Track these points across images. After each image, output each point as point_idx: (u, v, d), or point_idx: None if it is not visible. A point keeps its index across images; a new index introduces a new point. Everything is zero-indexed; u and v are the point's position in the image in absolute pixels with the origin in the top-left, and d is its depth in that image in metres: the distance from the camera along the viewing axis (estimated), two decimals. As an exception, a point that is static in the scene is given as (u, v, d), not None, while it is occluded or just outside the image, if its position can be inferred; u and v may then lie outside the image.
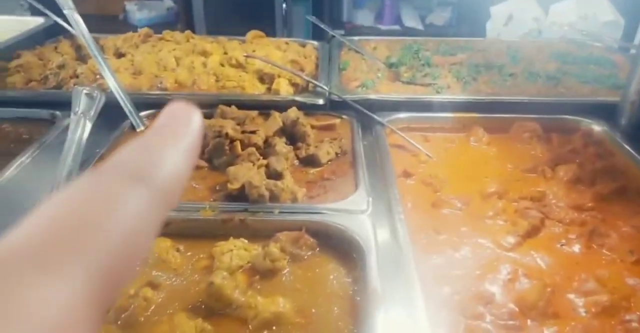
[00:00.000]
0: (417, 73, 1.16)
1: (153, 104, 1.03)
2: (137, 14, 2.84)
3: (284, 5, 2.67)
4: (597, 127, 1.01)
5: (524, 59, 1.24)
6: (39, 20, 1.36)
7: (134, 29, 1.35)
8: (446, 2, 2.91)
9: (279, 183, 0.78)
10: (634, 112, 0.99)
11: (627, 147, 0.94)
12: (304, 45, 1.36)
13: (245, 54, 1.15)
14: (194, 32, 1.33)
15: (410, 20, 2.89)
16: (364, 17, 2.92)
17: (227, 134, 0.87)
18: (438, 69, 1.19)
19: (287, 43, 1.35)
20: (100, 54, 0.99)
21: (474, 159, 0.97)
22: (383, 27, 2.88)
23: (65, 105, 0.95)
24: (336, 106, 1.07)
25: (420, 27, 2.87)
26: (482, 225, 0.77)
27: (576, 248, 0.73)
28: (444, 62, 1.22)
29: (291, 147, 0.92)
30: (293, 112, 0.96)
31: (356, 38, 1.42)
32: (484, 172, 0.92)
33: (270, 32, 1.35)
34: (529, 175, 0.91)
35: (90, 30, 1.02)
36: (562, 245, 0.73)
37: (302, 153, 0.91)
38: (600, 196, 0.83)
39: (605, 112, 1.03)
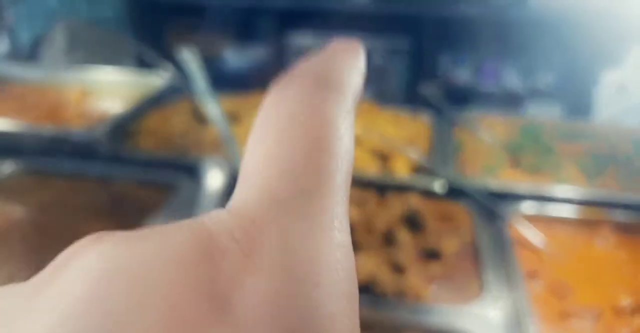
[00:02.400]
0: (539, 161, 1.14)
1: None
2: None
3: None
4: None
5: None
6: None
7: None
8: (550, 65, 2.84)
9: (403, 279, 0.80)
10: None
11: None
12: (414, 118, 1.39)
13: (362, 132, 1.20)
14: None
15: (511, 82, 2.85)
16: (462, 75, 2.92)
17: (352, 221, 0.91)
18: (560, 157, 1.16)
19: (397, 115, 1.39)
20: (228, 131, 1.05)
21: (602, 262, 0.93)
22: (482, 88, 2.87)
23: (187, 170, 1.05)
24: (452, 191, 1.07)
25: (520, 89, 2.82)
26: (618, 346, 0.73)
27: None
28: (565, 149, 1.19)
29: (411, 236, 0.93)
30: (414, 201, 0.98)
31: (470, 113, 1.42)
32: (613, 278, 0.88)
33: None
34: (666, 289, 0.85)
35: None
36: None
37: (422, 244, 0.92)
38: None
39: None
